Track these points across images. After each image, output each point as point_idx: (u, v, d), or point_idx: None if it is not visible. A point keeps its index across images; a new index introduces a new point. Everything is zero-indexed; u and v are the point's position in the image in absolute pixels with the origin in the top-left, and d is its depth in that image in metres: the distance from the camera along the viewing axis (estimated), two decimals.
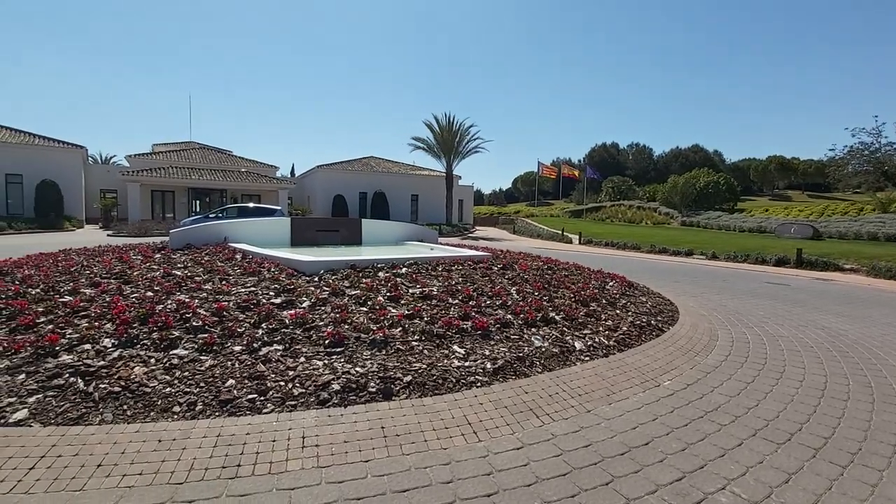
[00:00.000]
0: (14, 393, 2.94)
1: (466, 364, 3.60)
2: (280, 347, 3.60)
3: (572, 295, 5.63)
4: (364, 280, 5.19)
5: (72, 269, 5.84)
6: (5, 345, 3.52)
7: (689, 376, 4.03)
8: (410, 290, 5.01)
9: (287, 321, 4.00)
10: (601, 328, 4.76)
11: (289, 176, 51.22)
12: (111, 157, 58.14)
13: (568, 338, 4.35)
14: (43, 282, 5.15)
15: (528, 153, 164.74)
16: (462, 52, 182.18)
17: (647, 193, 52.79)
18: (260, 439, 2.64)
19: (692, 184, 40.08)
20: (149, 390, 2.99)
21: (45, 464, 2.38)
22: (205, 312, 4.12)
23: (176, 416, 2.80)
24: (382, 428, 2.83)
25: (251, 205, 23.66)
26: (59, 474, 2.31)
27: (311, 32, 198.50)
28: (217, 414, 2.84)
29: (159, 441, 2.58)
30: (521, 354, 3.86)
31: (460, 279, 5.68)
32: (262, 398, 2.99)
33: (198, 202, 33.81)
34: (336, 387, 3.13)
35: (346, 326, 3.97)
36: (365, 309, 4.41)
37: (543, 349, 4.03)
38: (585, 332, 4.59)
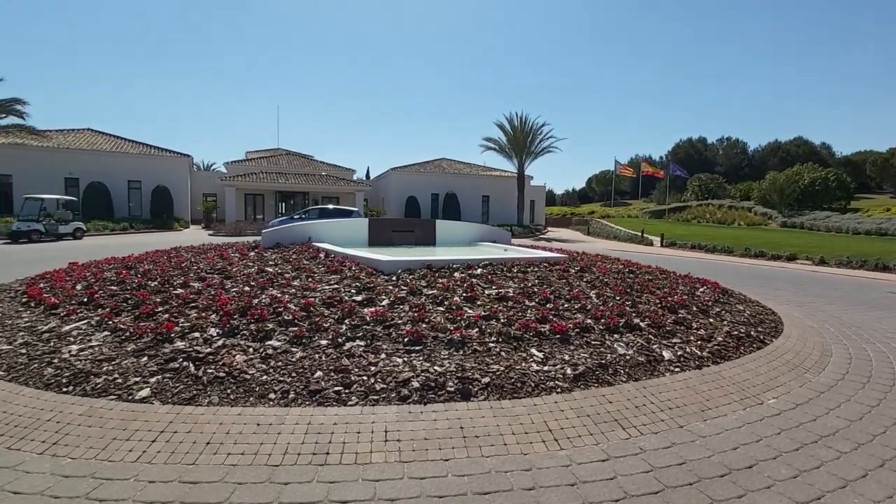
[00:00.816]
0: (139, 373, 3.34)
1: (545, 368, 3.51)
2: (362, 343, 3.75)
3: (658, 301, 5.28)
4: (440, 280, 5.26)
5: (182, 265, 6.53)
6: (132, 330, 4.02)
7: (799, 395, 3.61)
8: (486, 291, 4.99)
9: (368, 318, 4.16)
10: (692, 337, 4.41)
11: (364, 179, 53.52)
12: (212, 164, 64.59)
13: (655, 346, 4.09)
14: (160, 276, 5.81)
15: (604, 151, 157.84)
16: (534, 49, 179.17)
17: (739, 192, 48.42)
18: (346, 430, 2.76)
19: (794, 180, 36.06)
20: (248, 377, 3.25)
21: (164, 438, 2.67)
22: (294, 307, 4.40)
23: (271, 403, 3.02)
24: (461, 428, 2.83)
25: (331, 206, 25.05)
26: (175, 448, 2.58)
27: (389, 43, 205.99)
28: (307, 403, 3.02)
29: (258, 425, 2.80)
30: (603, 361, 3.68)
31: (536, 281, 5.56)
32: (346, 391, 3.12)
33: (283, 204, 36.38)
34: (416, 384, 3.19)
35: (424, 325, 4.04)
36: (442, 308, 4.46)
37: (628, 357, 3.82)
38: (674, 340, 4.28)
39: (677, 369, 3.79)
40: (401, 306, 4.51)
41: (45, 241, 18.46)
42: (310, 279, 5.43)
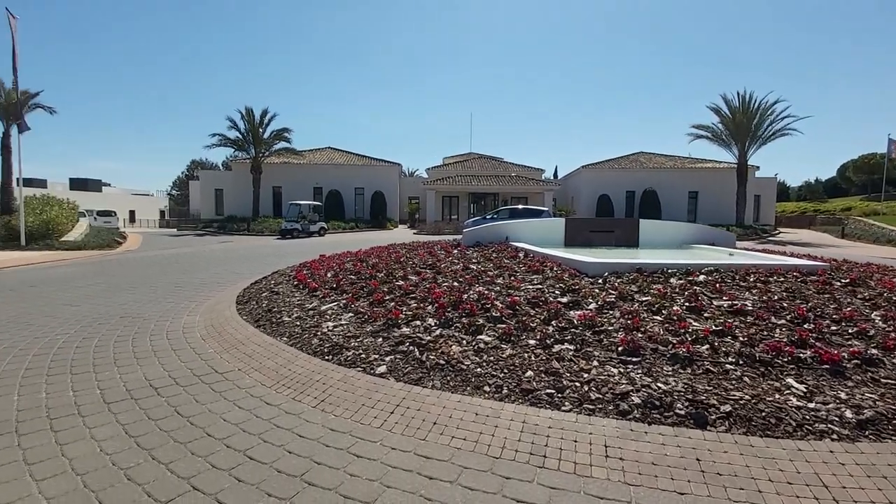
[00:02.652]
0: (376, 351, 3.89)
1: (811, 405, 2.79)
2: (571, 347, 3.62)
3: None
4: (654, 286, 4.74)
5: (400, 260, 7.46)
6: (368, 314, 4.73)
7: None
8: (715, 303, 4.28)
9: (575, 321, 4.00)
10: None
11: (552, 178, 52.93)
12: (415, 171, 72.89)
13: None
14: (384, 268, 6.74)
15: (866, 128, 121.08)
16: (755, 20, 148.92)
17: None
18: (562, 436, 2.67)
19: None
20: (464, 368, 3.45)
21: (399, 412, 3.03)
22: (500, 305, 4.53)
23: (486, 395, 3.14)
24: (698, 460, 2.45)
25: (520, 206, 25.50)
26: (408, 423, 2.89)
27: (573, 43, 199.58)
28: (520, 401, 3.04)
29: (476, 414, 2.94)
30: None
31: (784, 294, 4.53)
32: (559, 395, 3.04)
33: (474, 205, 38.67)
34: (636, 400, 2.90)
35: (640, 335, 3.68)
36: (659, 318, 4.00)
37: None
38: None
39: None
40: (610, 311, 4.21)
41: (300, 237, 23.63)
42: (512, 278, 5.54)
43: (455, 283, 5.45)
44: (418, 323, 4.32)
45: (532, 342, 3.75)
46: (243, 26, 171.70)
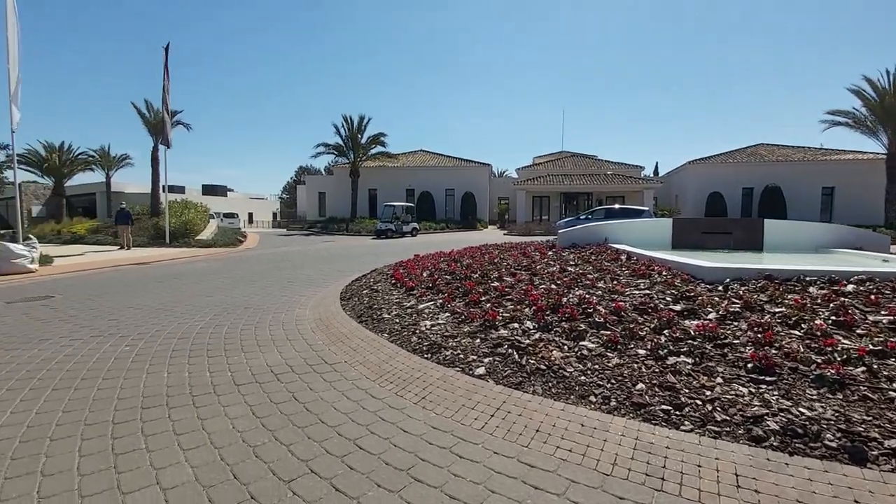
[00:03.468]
0: (474, 352, 3.88)
1: None
2: (689, 360, 3.28)
3: None
4: (789, 296, 4.14)
5: (494, 261, 7.41)
6: (465, 314, 4.74)
7: None
8: (871, 317, 3.63)
9: (692, 332, 3.63)
10: None
11: (652, 175, 49.30)
12: (504, 171, 72.42)
13: None
14: (479, 269, 6.74)
15: None
16: None
17: None
18: (682, 458, 2.42)
19: None
20: (566, 375, 3.30)
21: (500, 415, 2.97)
22: (603, 310, 4.28)
23: (592, 406, 2.96)
24: (856, 502, 2.07)
25: (616, 206, 24.09)
26: (510, 427, 2.83)
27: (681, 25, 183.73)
28: (631, 415, 2.82)
29: (582, 425, 2.78)
30: None
31: None
32: (677, 412, 2.77)
33: (566, 205, 37.36)
34: (773, 425, 2.54)
35: (773, 351, 3.23)
36: (798, 333, 3.48)
37: None
38: None
39: None
40: (734, 323, 3.77)
41: (394, 237, 24.67)
42: (615, 282, 5.21)
43: (553, 286, 5.26)
44: (516, 325, 4.23)
45: (642, 352, 3.47)
46: (338, 37, 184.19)
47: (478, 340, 4.07)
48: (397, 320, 4.99)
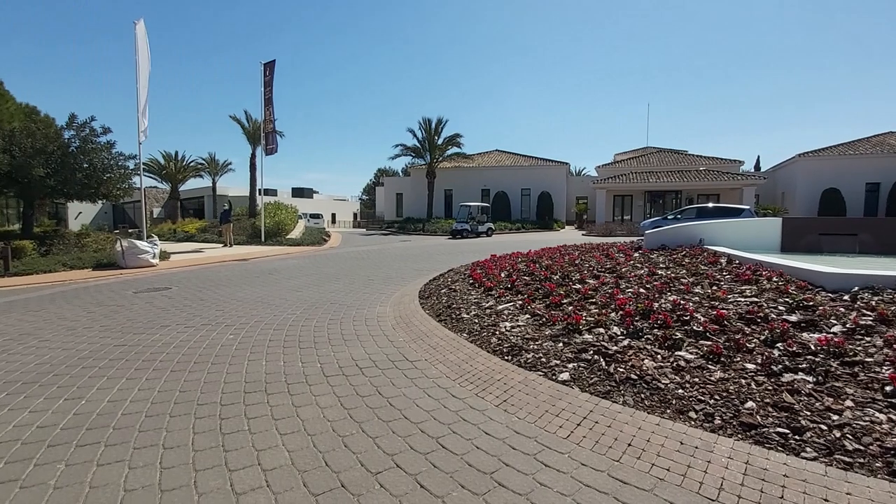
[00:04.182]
0: (557, 356, 3.74)
1: None
2: (810, 379, 2.89)
3: None
4: None
5: (574, 263, 7.13)
6: (546, 317, 4.60)
7: None
8: None
9: (813, 347, 3.19)
10: None
11: (752, 171, 44.69)
12: (582, 169, 69.77)
13: None
14: (559, 271, 6.51)
15: None
16: None
17: None
18: (804, 490, 2.13)
19: None
20: (661, 386, 3.06)
21: (587, 425, 2.82)
22: (702, 318, 3.92)
23: (692, 423, 2.71)
24: None
25: (710, 205, 22.13)
26: (598, 439, 2.67)
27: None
28: (739, 436, 2.54)
29: (681, 443, 2.55)
30: None
31: None
32: (796, 437, 2.44)
33: (650, 205, 35.07)
34: None
35: None
36: None
37: None
38: None
39: None
40: (866, 338, 3.26)
41: (469, 238, 24.75)
42: (714, 287, 4.76)
43: (641, 290, 4.93)
44: (602, 330, 4.01)
45: (751, 366, 3.12)
46: (413, 38, 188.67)
47: (560, 344, 3.92)
48: (476, 321, 4.97)
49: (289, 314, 6.09)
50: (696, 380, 3.06)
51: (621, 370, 3.31)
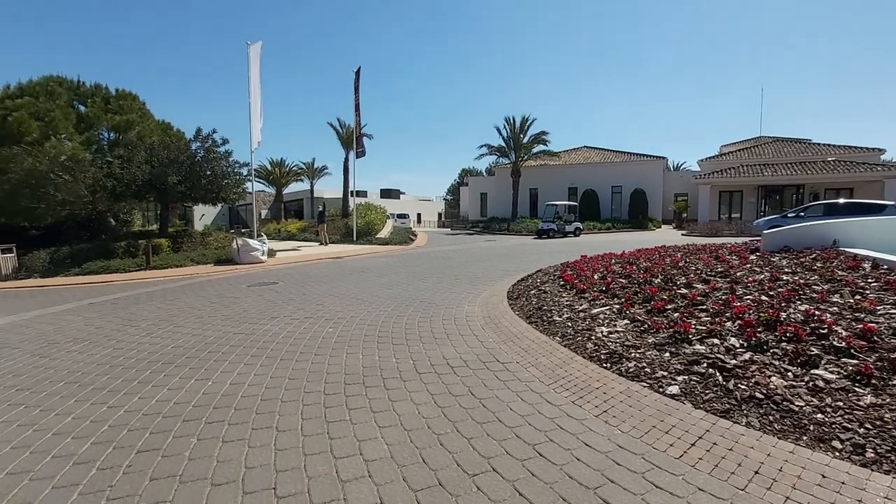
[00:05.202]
0: (664, 367, 3.44)
1: None
2: None
3: None
4: None
5: (678, 265, 6.55)
6: (648, 323, 4.26)
7: None
8: None
9: None
10: None
11: (895, 160, 38.00)
12: (681, 164, 64.45)
13: None
14: (661, 273, 6.03)
15: None
16: None
17: None
18: None
19: None
20: (795, 409, 2.67)
21: (703, 445, 2.54)
22: (844, 331, 3.37)
23: (837, 454, 2.32)
24: None
25: (841, 201, 19.19)
26: (717, 462, 2.39)
27: None
28: None
29: (823, 476, 2.20)
30: None
31: None
32: None
33: (765, 201, 31.29)
34: None
35: None
36: None
37: None
38: None
39: None
40: None
41: (556, 237, 24.01)
42: (857, 296, 4.09)
43: (763, 297, 4.38)
44: (716, 341, 3.62)
45: None
46: (498, 38, 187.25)
47: (667, 354, 3.60)
48: (569, 324, 4.76)
49: (381, 311, 6.33)
50: (840, 404, 2.63)
51: (743, 387, 2.95)
